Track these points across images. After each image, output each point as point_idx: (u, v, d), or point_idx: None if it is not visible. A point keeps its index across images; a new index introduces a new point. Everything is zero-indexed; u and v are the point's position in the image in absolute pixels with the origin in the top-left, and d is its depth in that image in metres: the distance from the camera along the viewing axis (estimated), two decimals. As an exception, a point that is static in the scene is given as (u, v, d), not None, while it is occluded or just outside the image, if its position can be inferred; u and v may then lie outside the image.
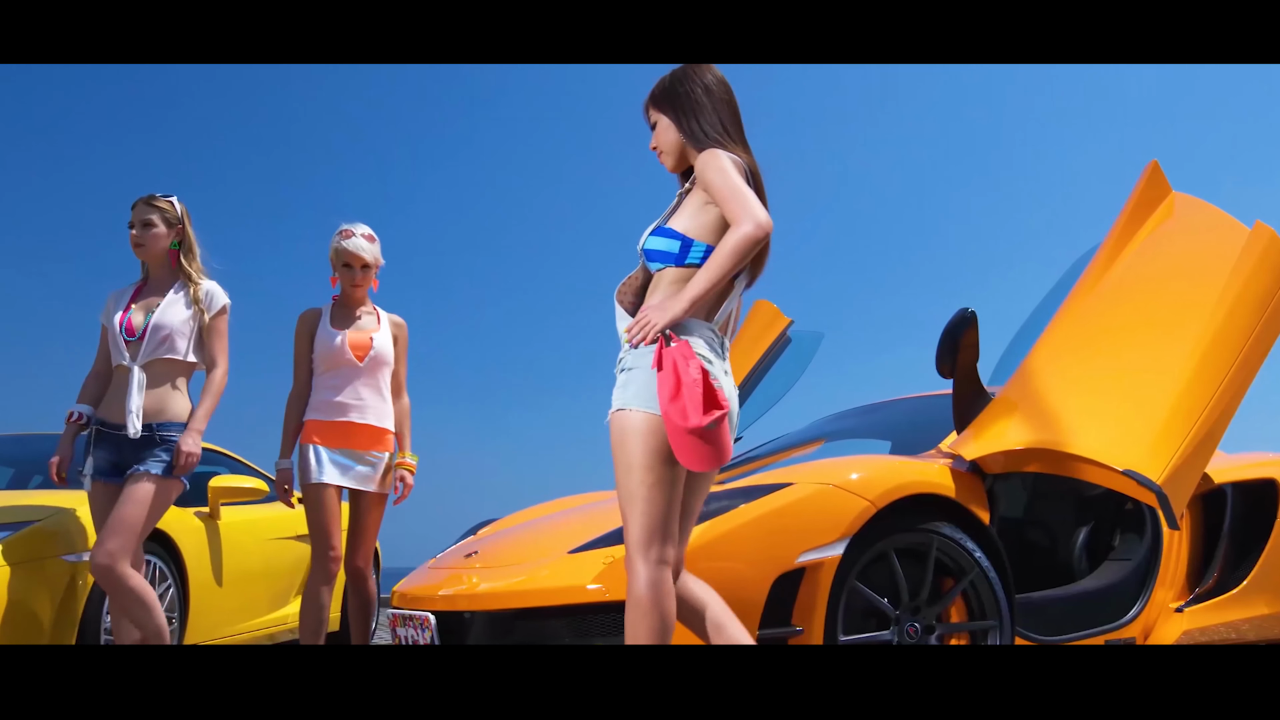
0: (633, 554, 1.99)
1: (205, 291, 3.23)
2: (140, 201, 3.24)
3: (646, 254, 2.19)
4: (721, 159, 2.11)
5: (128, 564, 2.94)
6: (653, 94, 2.30)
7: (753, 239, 2.00)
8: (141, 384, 3.09)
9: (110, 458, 3.10)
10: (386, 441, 3.48)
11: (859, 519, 2.55)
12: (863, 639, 2.56)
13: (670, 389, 1.97)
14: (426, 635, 2.76)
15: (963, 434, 3.02)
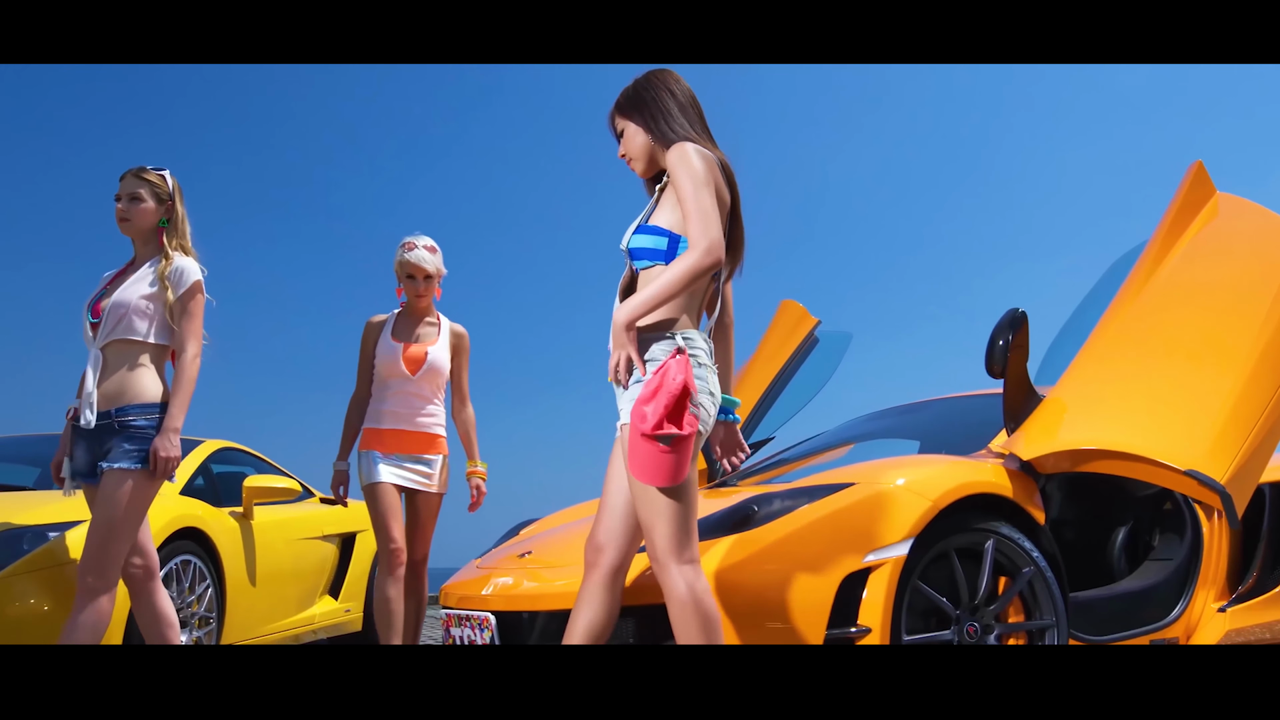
0: (664, 560, 2.02)
1: (174, 268, 2.90)
2: (129, 173, 2.98)
3: (632, 252, 2.21)
4: (691, 157, 2.12)
5: (112, 594, 2.74)
6: (618, 103, 2.33)
7: (702, 268, 2.04)
8: (97, 367, 2.82)
9: (85, 456, 2.86)
10: (439, 445, 3.62)
11: (923, 519, 2.55)
12: (924, 639, 2.56)
13: (645, 393, 2.01)
14: (486, 635, 2.76)
15: (1015, 434, 3.02)
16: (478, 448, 3.74)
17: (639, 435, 1.99)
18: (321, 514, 5.47)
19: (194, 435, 4.71)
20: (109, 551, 2.70)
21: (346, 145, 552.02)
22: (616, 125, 2.34)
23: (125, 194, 2.95)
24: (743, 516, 2.58)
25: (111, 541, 2.71)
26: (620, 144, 2.33)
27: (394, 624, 3.39)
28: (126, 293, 2.86)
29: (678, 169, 2.12)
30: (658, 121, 2.25)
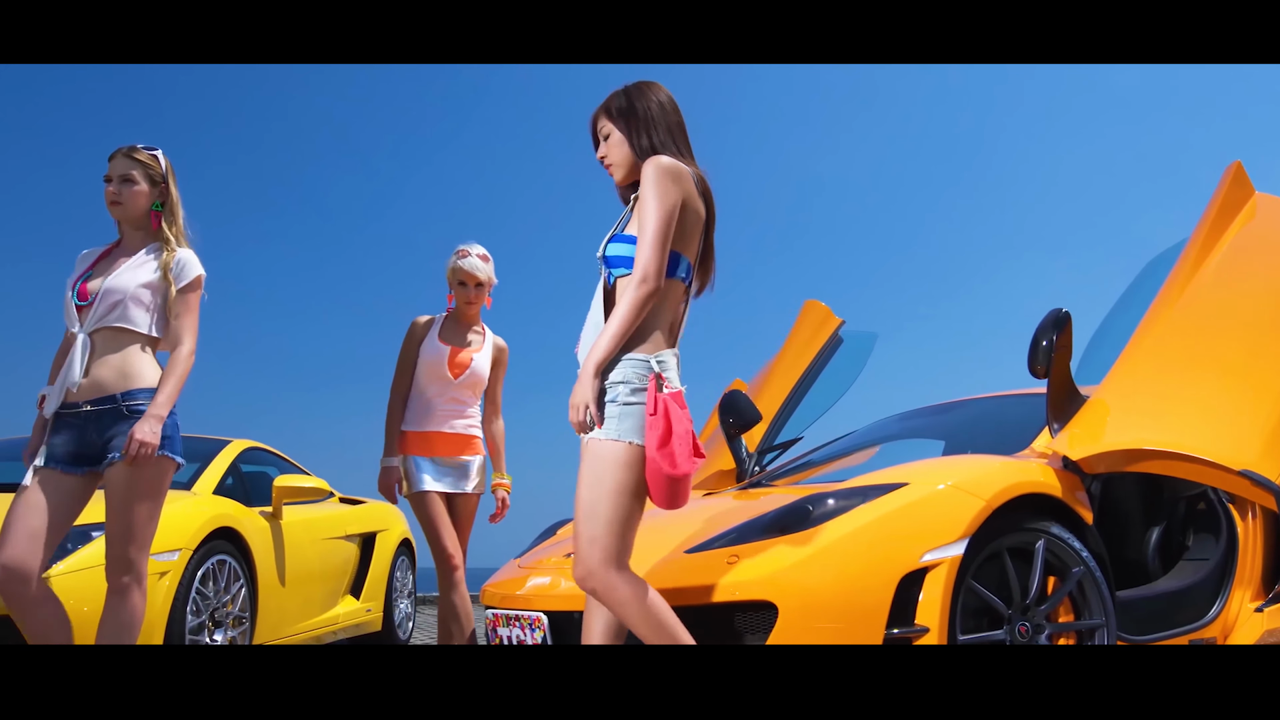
0: (607, 566, 2.10)
1: (178, 260, 2.80)
2: (120, 153, 2.83)
3: (608, 261, 2.28)
4: (663, 176, 2.19)
5: (144, 587, 2.67)
6: (606, 107, 2.38)
7: (645, 298, 2.15)
8: (86, 352, 2.67)
9: (70, 445, 2.67)
10: (475, 446, 3.67)
11: (977, 518, 2.55)
12: (978, 639, 2.56)
13: (660, 435, 2.11)
14: (538, 635, 2.75)
15: (1062, 434, 3.03)
16: (505, 460, 3.78)
17: (666, 475, 2.10)
18: (344, 513, 5.48)
19: (200, 434, 4.72)
20: (133, 542, 2.62)
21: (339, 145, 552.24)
22: (601, 128, 2.39)
23: (116, 175, 2.81)
24: (797, 516, 2.58)
25: (135, 532, 2.63)
26: (601, 147, 2.38)
27: (464, 626, 3.47)
28: (122, 279, 2.73)
29: (645, 188, 2.20)
30: (640, 134, 2.32)
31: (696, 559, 2.57)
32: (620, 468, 2.13)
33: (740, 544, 2.57)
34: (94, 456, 2.65)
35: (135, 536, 2.62)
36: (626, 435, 2.14)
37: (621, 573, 2.13)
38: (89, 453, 2.65)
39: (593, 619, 2.33)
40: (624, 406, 2.16)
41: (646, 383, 2.17)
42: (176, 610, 3.32)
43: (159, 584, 3.26)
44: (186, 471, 4.29)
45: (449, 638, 3.63)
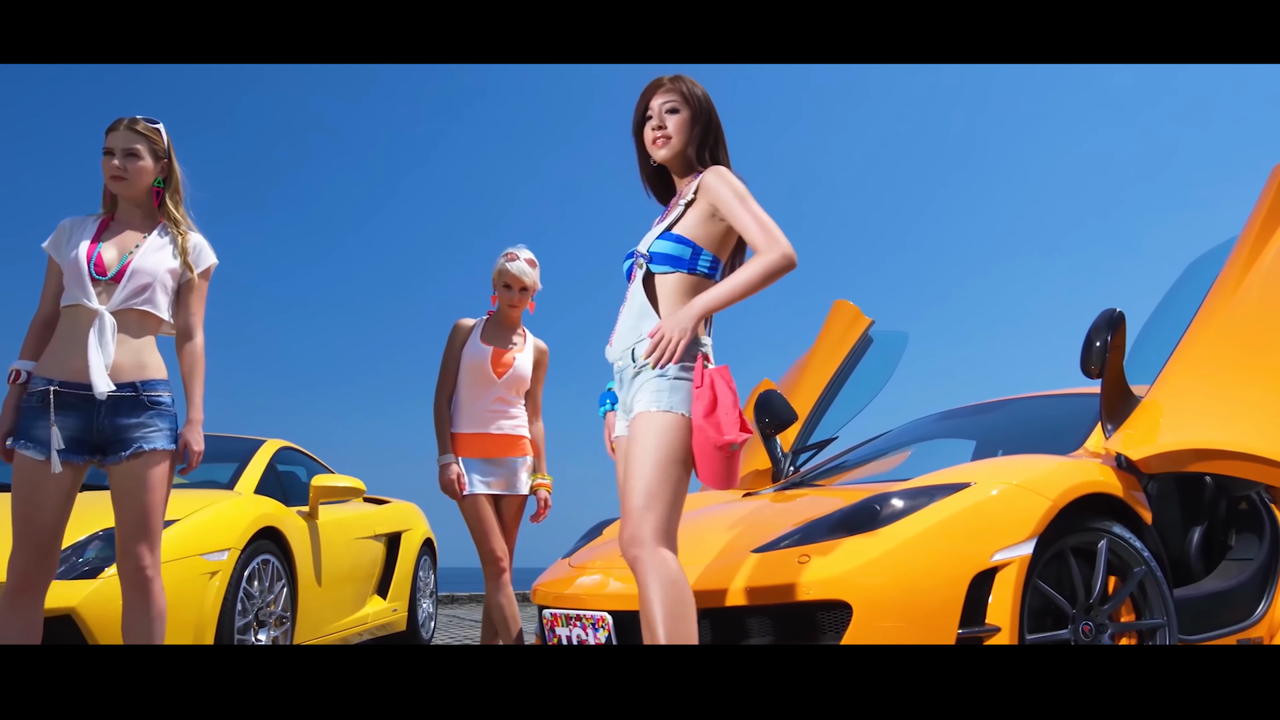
0: (657, 538, 2.11)
1: (194, 244, 2.73)
2: (123, 126, 2.69)
3: (654, 257, 2.32)
4: (735, 180, 2.29)
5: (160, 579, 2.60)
6: (690, 90, 2.40)
7: (779, 269, 2.20)
8: (113, 333, 2.55)
9: (75, 430, 2.53)
10: (521, 446, 3.69)
11: (1045, 518, 2.56)
12: (1044, 638, 2.56)
13: (706, 405, 2.16)
14: (601, 635, 2.75)
15: (1118, 434, 3.03)
16: (545, 461, 3.79)
17: (713, 447, 2.13)
18: (372, 513, 5.47)
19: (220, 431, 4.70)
20: (156, 535, 2.57)
21: (332, 144, 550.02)
22: (672, 100, 2.39)
23: (120, 149, 2.67)
24: (865, 516, 2.58)
25: (157, 525, 2.57)
26: (667, 118, 2.38)
27: (510, 627, 3.49)
28: (149, 261, 2.64)
29: (723, 190, 2.27)
30: (712, 141, 2.39)
31: (766, 558, 2.57)
32: (670, 437, 2.17)
33: (806, 544, 2.57)
34: (98, 445, 2.55)
35: (155, 529, 2.56)
36: (677, 407, 2.19)
37: (671, 549, 2.13)
38: (93, 439, 2.54)
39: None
40: (674, 381, 2.21)
41: (694, 360, 2.23)
42: (226, 610, 3.31)
43: (209, 583, 3.25)
44: (225, 471, 4.29)
45: (494, 638, 3.64)
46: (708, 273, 2.33)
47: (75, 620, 2.73)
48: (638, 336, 2.30)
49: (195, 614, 3.17)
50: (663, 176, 2.51)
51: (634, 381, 2.30)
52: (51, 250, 2.69)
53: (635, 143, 2.50)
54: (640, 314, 2.31)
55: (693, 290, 2.31)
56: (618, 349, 2.37)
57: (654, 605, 2.06)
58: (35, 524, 2.50)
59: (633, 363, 2.31)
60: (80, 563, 2.89)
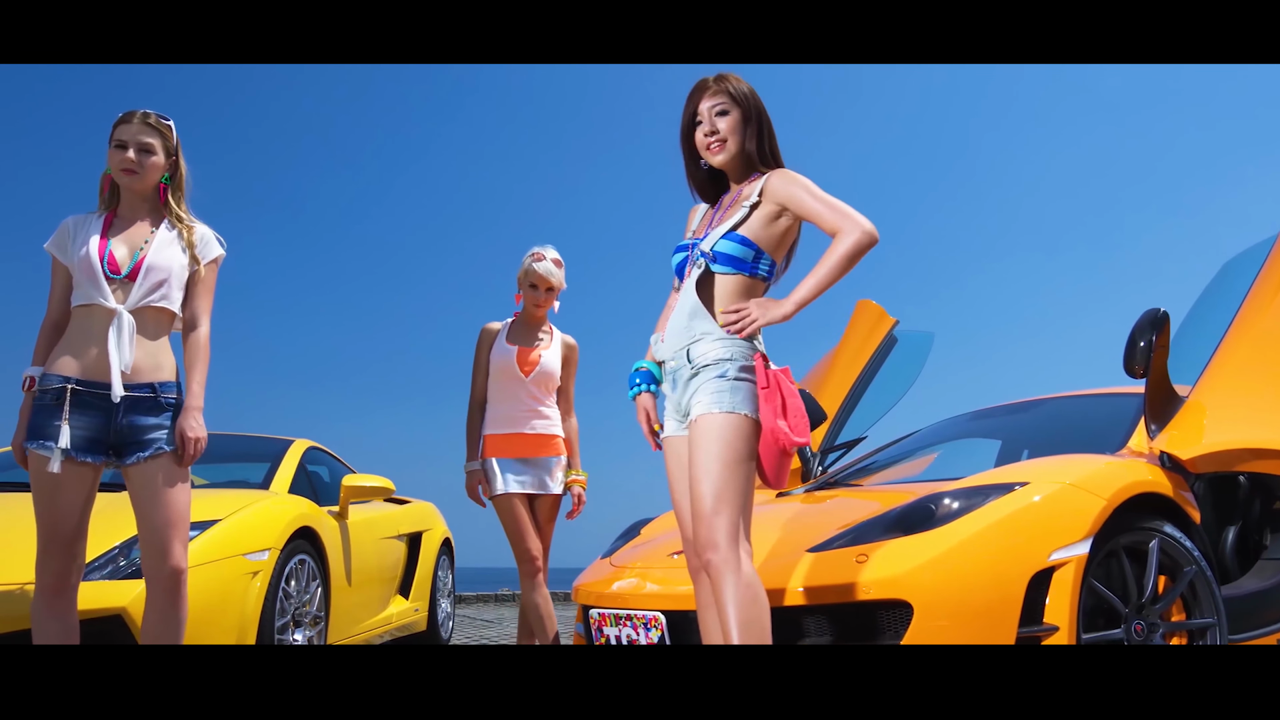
0: (733, 541, 2.11)
1: (200, 236, 2.71)
2: (136, 119, 2.65)
3: (717, 256, 2.31)
4: (800, 177, 2.31)
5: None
6: (737, 89, 2.40)
7: (863, 246, 2.22)
8: (132, 333, 2.53)
9: (91, 430, 2.50)
10: (554, 446, 3.68)
11: (1100, 517, 2.56)
12: (1098, 637, 2.57)
13: (776, 406, 2.18)
14: (654, 635, 2.75)
15: (1164, 434, 3.03)
16: (579, 457, 3.79)
17: (780, 449, 2.16)
18: (396, 513, 5.47)
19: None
20: (184, 536, 2.55)
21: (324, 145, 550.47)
22: (722, 102, 2.38)
23: (134, 143, 2.63)
24: (921, 515, 2.58)
25: (186, 525, 2.55)
26: (719, 121, 2.38)
27: (547, 627, 3.48)
28: (162, 257, 2.61)
29: (793, 187, 2.29)
30: (763, 136, 2.39)
31: (822, 558, 2.57)
32: (734, 437, 2.17)
33: (860, 544, 2.57)
34: (114, 446, 2.53)
35: (181, 529, 2.54)
36: (740, 408, 2.19)
37: (746, 551, 2.13)
38: (109, 440, 2.52)
39: (709, 617, 2.32)
40: (734, 382, 2.21)
41: (753, 360, 2.24)
42: (267, 610, 3.30)
43: (251, 583, 3.23)
44: (257, 471, 4.28)
45: (529, 638, 3.63)
46: (765, 276, 2.34)
47: (125, 620, 2.72)
48: (691, 336, 2.29)
49: (238, 614, 3.15)
50: (714, 177, 2.50)
51: (690, 383, 2.29)
52: (55, 251, 2.63)
53: (684, 147, 2.48)
54: (693, 313, 2.30)
55: (747, 292, 2.31)
56: (670, 348, 2.36)
57: (729, 608, 2.05)
58: (61, 526, 2.49)
59: (688, 364, 2.30)
60: (125, 564, 2.88)
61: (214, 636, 3.05)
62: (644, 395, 2.44)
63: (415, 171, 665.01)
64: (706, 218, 2.46)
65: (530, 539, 3.52)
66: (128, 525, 2.99)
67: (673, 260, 2.46)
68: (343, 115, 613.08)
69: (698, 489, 2.16)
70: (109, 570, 2.86)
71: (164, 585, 2.51)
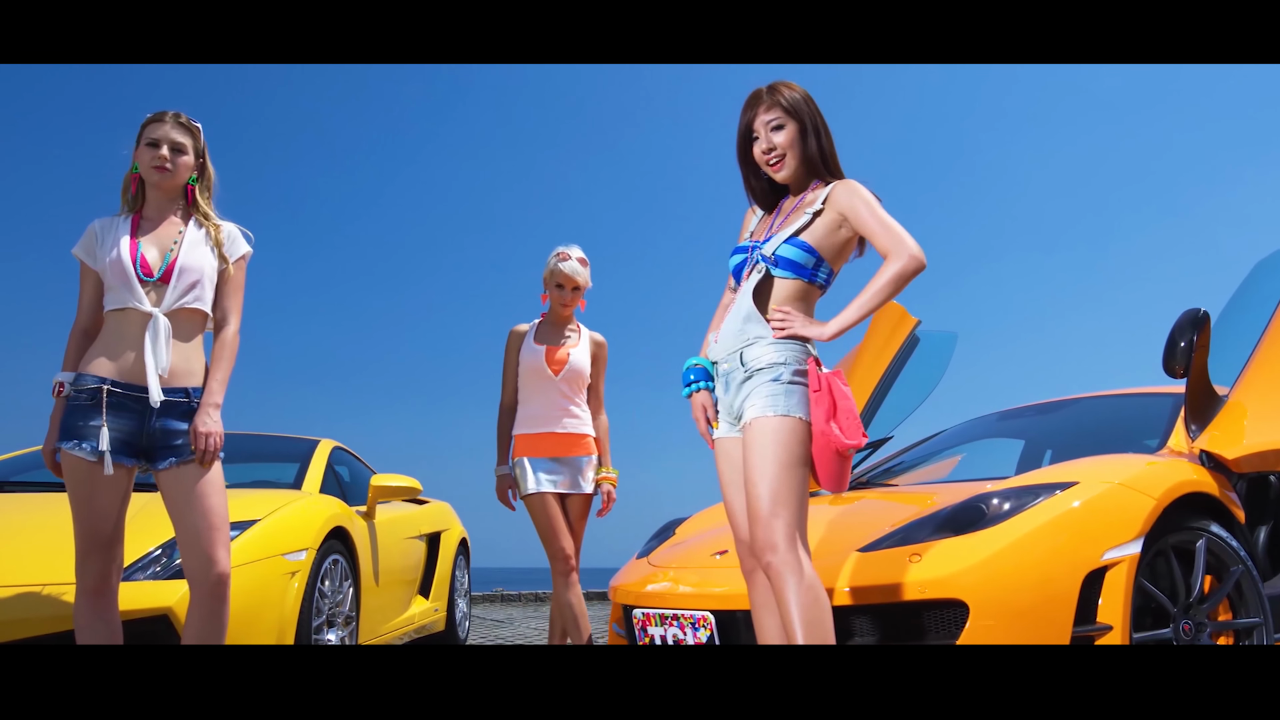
0: (792, 543, 2.11)
1: (227, 234, 2.70)
2: (168, 119, 2.65)
3: (780, 260, 2.31)
4: (865, 190, 2.31)
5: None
6: (790, 99, 2.39)
7: (910, 272, 2.23)
8: (168, 336, 2.51)
9: (125, 434, 2.49)
10: (585, 445, 3.68)
11: (1150, 517, 2.56)
12: (1148, 637, 2.57)
13: (827, 409, 2.19)
14: (702, 635, 2.74)
15: (1205, 434, 3.04)
16: (610, 455, 3.78)
17: (834, 452, 2.18)
18: (417, 513, 5.46)
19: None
20: (226, 539, 2.53)
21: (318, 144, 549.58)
22: (775, 117, 2.38)
23: (168, 142, 2.63)
24: (971, 515, 2.58)
25: (225, 529, 2.53)
26: (776, 136, 2.37)
27: (581, 626, 3.49)
28: (193, 257, 2.60)
29: (854, 199, 2.29)
30: (821, 141, 2.38)
31: (873, 558, 2.57)
32: (791, 440, 2.18)
33: (909, 544, 2.57)
34: (145, 449, 2.52)
35: (222, 532, 2.52)
36: (794, 411, 2.20)
37: (806, 552, 2.14)
38: (141, 444, 2.51)
39: (765, 617, 2.33)
40: (788, 385, 2.22)
41: (806, 364, 2.25)
42: (304, 610, 3.29)
43: (289, 583, 3.22)
44: (288, 471, 4.27)
45: (561, 638, 3.63)
46: (823, 283, 2.35)
47: (171, 619, 2.71)
48: (744, 339, 2.30)
49: (278, 614, 3.14)
50: (773, 185, 2.48)
51: (743, 386, 2.29)
52: (84, 255, 2.62)
53: (740, 159, 2.48)
54: (748, 317, 2.30)
55: (804, 298, 2.32)
56: (723, 349, 2.36)
57: (792, 609, 2.05)
58: (99, 527, 2.48)
59: (741, 367, 2.30)
60: (169, 564, 2.87)
61: (254, 636, 3.04)
62: (700, 393, 2.44)
63: (411, 171, 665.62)
64: (765, 222, 2.46)
65: (564, 538, 3.52)
66: (168, 526, 2.98)
67: (730, 261, 2.46)
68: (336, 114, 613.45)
69: (754, 491, 2.17)
70: (153, 570, 2.85)
71: (209, 590, 2.49)
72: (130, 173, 2.69)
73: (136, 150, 2.67)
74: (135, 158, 2.67)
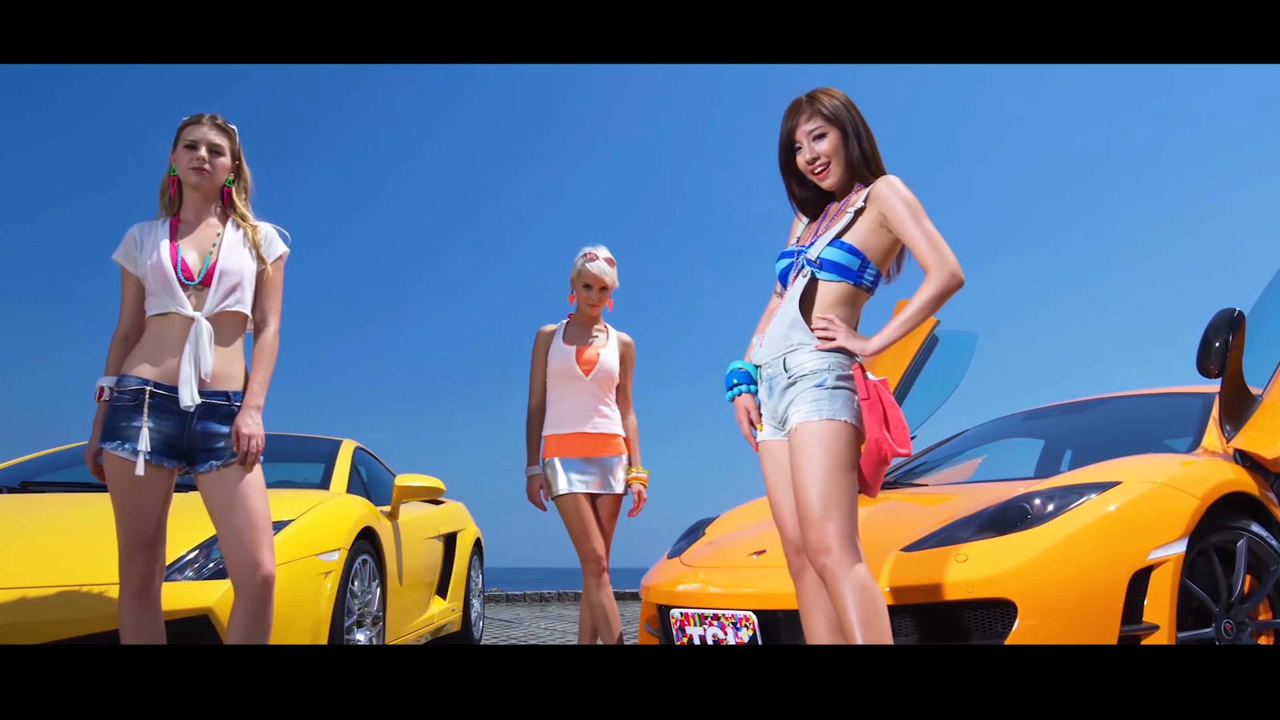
0: (845, 545, 2.11)
1: (264, 235, 2.70)
2: (205, 121, 2.65)
3: (824, 264, 2.31)
4: (907, 191, 2.28)
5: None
6: (830, 106, 2.37)
7: (949, 291, 2.23)
8: (210, 340, 2.52)
9: (167, 436, 2.50)
10: (616, 445, 3.68)
11: (1194, 516, 2.57)
12: (1191, 636, 2.57)
13: (879, 417, 2.20)
14: (744, 635, 2.74)
15: (1242, 434, 3.04)
16: (640, 455, 3.78)
17: (881, 458, 2.19)
18: (435, 513, 5.45)
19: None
20: (270, 541, 2.53)
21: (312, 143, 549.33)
22: (816, 125, 2.37)
23: (206, 143, 2.63)
24: (1015, 515, 2.58)
25: (269, 531, 2.54)
26: (818, 144, 2.36)
27: (613, 626, 3.48)
28: (232, 259, 2.60)
29: (894, 199, 2.26)
30: (863, 142, 2.36)
31: (918, 557, 2.57)
32: (839, 444, 2.18)
33: (952, 543, 2.57)
34: (185, 452, 2.52)
35: (266, 534, 2.52)
36: (839, 414, 2.20)
37: (859, 553, 2.14)
38: (182, 446, 2.51)
39: (815, 617, 2.32)
40: (832, 390, 2.22)
41: (850, 369, 2.25)
42: (336, 610, 3.28)
43: (323, 584, 3.21)
44: (315, 471, 4.26)
45: (592, 637, 3.62)
46: (870, 285, 2.34)
47: (211, 620, 2.70)
48: (788, 345, 2.30)
49: (312, 614, 3.13)
50: (818, 191, 2.47)
51: (786, 392, 2.29)
52: (124, 260, 2.62)
53: (782, 169, 2.47)
54: (793, 323, 2.30)
55: (851, 301, 2.32)
56: (767, 354, 2.36)
57: (850, 610, 2.05)
58: (142, 528, 2.49)
59: (784, 373, 2.30)
60: (209, 564, 2.86)
61: (289, 637, 3.03)
62: (744, 396, 2.44)
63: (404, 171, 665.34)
64: (811, 228, 2.45)
65: (595, 539, 3.52)
66: (205, 526, 2.97)
67: (776, 266, 2.46)
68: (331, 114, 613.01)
69: (804, 495, 2.17)
70: (191, 571, 2.84)
71: (254, 592, 2.49)
72: (168, 175, 2.69)
73: (174, 153, 2.66)
74: (172, 160, 2.67)
